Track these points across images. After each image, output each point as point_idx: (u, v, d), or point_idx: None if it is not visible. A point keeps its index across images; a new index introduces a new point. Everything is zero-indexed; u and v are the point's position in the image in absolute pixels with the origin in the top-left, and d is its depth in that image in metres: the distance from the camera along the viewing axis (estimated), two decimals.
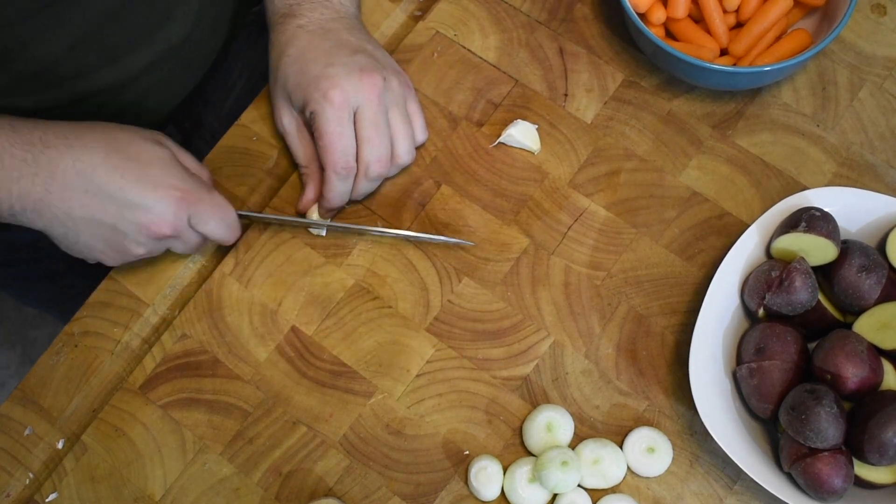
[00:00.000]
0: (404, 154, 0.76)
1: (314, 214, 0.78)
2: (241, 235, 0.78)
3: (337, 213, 0.78)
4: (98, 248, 0.71)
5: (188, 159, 0.74)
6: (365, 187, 0.76)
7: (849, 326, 0.69)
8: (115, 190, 0.68)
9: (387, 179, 0.80)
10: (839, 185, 0.76)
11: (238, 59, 0.94)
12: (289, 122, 0.77)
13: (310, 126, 0.75)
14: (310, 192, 0.77)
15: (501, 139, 0.80)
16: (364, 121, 0.73)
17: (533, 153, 0.80)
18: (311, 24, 0.76)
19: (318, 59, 0.74)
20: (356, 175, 0.75)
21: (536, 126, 0.80)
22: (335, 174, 0.74)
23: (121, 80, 0.78)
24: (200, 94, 0.92)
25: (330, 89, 0.72)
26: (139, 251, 0.71)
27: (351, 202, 0.79)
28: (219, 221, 0.72)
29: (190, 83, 0.88)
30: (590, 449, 0.71)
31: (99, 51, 0.75)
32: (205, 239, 0.74)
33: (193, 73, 0.87)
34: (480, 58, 0.84)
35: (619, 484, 0.71)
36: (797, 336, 0.69)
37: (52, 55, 0.72)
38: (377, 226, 0.78)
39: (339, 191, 0.75)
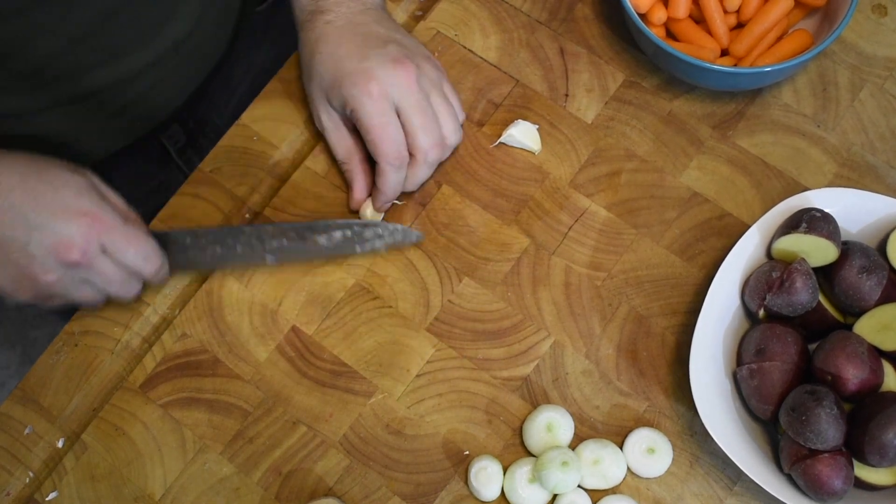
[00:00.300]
0: (452, 134, 0.76)
1: (367, 210, 0.78)
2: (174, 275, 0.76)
3: (390, 207, 0.78)
4: (11, 274, 0.69)
5: (115, 198, 0.73)
6: (423, 174, 0.76)
7: (849, 328, 0.69)
8: (27, 211, 0.67)
9: None
10: (840, 186, 0.76)
11: (243, 59, 0.94)
12: (327, 119, 0.77)
13: (349, 122, 0.76)
14: (359, 188, 0.77)
15: (502, 139, 0.80)
16: (409, 108, 0.73)
17: (534, 153, 0.80)
18: (339, 20, 0.76)
19: (352, 55, 0.74)
20: (413, 163, 0.75)
21: (537, 126, 0.80)
22: (389, 165, 0.73)
23: (122, 78, 0.78)
24: (205, 94, 0.92)
25: (367, 83, 0.72)
26: (48, 278, 0.68)
27: (403, 195, 0.78)
28: (136, 252, 0.70)
29: (193, 82, 0.88)
30: (590, 449, 0.71)
31: (100, 48, 0.75)
32: (128, 275, 0.71)
33: (196, 71, 0.87)
34: (481, 58, 0.84)
35: (619, 484, 0.71)
36: (798, 337, 0.69)
37: (52, 52, 0.72)
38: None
39: (393, 182, 0.75)
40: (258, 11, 0.95)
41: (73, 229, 0.67)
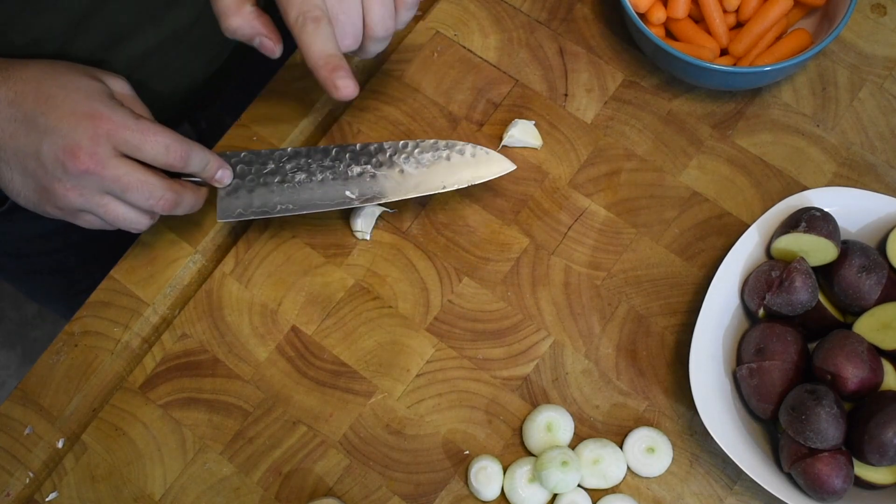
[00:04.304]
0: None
1: (358, 221, 0.75)
2: (229, 182, 0.71)
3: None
4: (30, 186, 0.66)
5: (139, 106, 0.69)
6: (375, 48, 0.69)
7: (849, 327, 0.69)
8: (37, 116, 0.64)
9: None
10: (839, 186, 0.76)
11: (261, 63, 0.93)
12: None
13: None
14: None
15: (504, 142, 0.80)
16: None
17: (536, 150, 0.80)
18: None
19: None
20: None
21: (534, 122, 0.80)
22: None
23: (125, 61, 0.77)
24: (219, 94, 0.92)
25: None
26: (63, 189, 0.65)
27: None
28: (153, 143, 0.65)
29: (200, 75, 0.87)
30: (590, 449, 0.71)
31: (102, 28, 0.73)
32: (153, 177, 0.66)
33: (204, 63, 0.86)
34: (480, 58, 0.84)
35: (619, 484, 0.71)
36: (797, 336, 0.69)
37: (49, 32, 0.70)
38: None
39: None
40: (279, 17, 0.94)
41: (80, 132, 0.64)
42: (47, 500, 0.73)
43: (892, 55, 0.82)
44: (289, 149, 0.73)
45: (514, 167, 0.73)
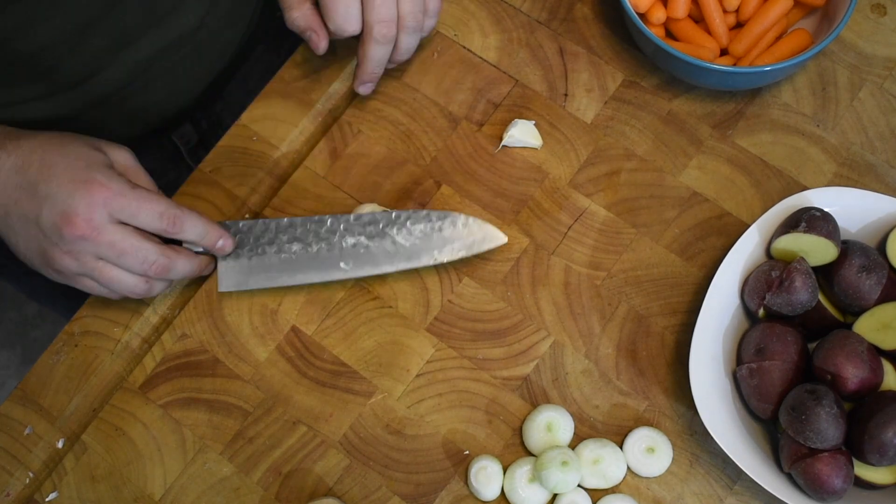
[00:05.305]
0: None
1: (367, 206, 0.77)
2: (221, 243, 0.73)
3: (376, 84, 0.79)
4: (32, 249, 0.69)
5: (142, 176, 0.72)
6: (408, 42, 0.76)
7: (849, 327, 0.69)
8: (38, 183, 0.67)
9: (387, 178, 0.80)
10: (839, 186, 0.76)
11: (261, 62, 0.94)
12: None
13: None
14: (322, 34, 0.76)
15: (504, 142, 0.80)
16: None
17: (536, 149, 0.80)
18: None
19: None
20: (398, 32, 0.75)
21: (533, 122, 0.80)
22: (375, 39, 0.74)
23: (129, 66, 0.78)
24: (220, 94, 0.92)
25: None
26: (60, 254, 0.67)
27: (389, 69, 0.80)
28: (148, 211, 0.67)
29: (203, 78, 0.87)
30: (590, 449, 0.71)
31: (107, 34, 0.74)
32: (149, 245, 0.68)
33: (206, 68, 0.86)
34: (480, 58, 0.84)
35: (619, 484, 0.71)
36: (797, 336, 0.69)
37: (56, 38, 0.71)
38: None
39: (378, 53, 0.75)
40: (278, 17, 0.95)
41: (77, 199, 0.66)
42: (47, 500, 0.73)
43: (892, 55, 0.82)
44: (284, 220, 0.75)
45: (506, 240, 0.75)
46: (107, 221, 0.67)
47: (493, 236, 0.75)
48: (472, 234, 0.74)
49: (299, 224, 0.75)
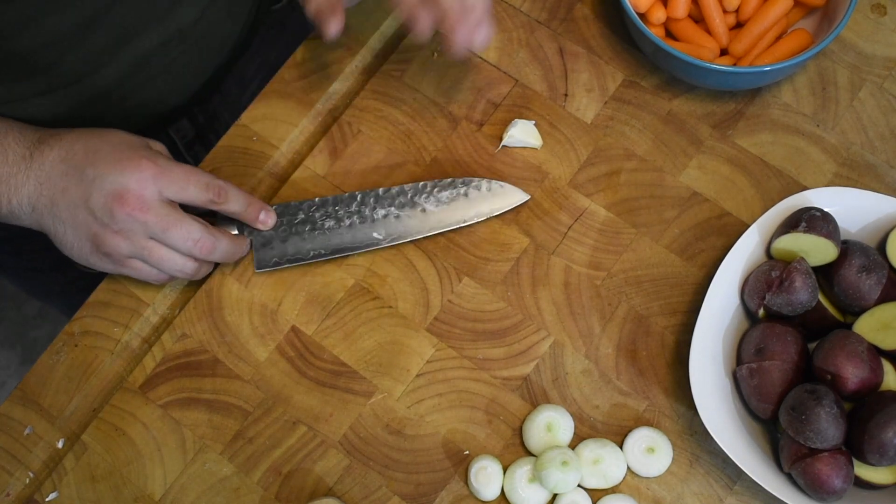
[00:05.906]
0: None
1: None
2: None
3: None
4: (81, 236, 0.70)
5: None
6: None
7: (849, 327, 0.69)
8: (85, 167, 0.69)
9: (387, 178, 0.80)
10: (839, 186, 0.76)
11: (257, 56, 0.94)
12: None
13: None
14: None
15: (504, 142, 0.80)
16: None
17: (536, 149, 0.80)
18: None
19: None
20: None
21: (533, 122, 0.80)
22: None
23: (129, 62, 0.78)
24: (217, 89, 0.92)
25: None
26: (111, 235, 0.69)
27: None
28: (196, 182, 0.70)
29: (203, 72, 0.87)
30: (590, 449, 0.71)
31: (107, 30, 0.74)
32: (198, 226, 0.71)
33: (204, 63, 0.86)
34: (480, 58, 0.84)
35: (619, 484, 0.71)
36: (797, 336, 0.69)
37: (56, 35, 0.71)
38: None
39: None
40: (274, 10, 0.95)
41: (126, 177, 0.68)
42: (47, 500, 0.73)
43: (892, 55, 0.82)
44: (317, 199, 0.78)
45: (529, 197, 0.78)
46: (156, 198, 0.69)
47: (515, 195, 0.78)
48: (496, 195, 0.77)
49: (331, 202, 0.78)
